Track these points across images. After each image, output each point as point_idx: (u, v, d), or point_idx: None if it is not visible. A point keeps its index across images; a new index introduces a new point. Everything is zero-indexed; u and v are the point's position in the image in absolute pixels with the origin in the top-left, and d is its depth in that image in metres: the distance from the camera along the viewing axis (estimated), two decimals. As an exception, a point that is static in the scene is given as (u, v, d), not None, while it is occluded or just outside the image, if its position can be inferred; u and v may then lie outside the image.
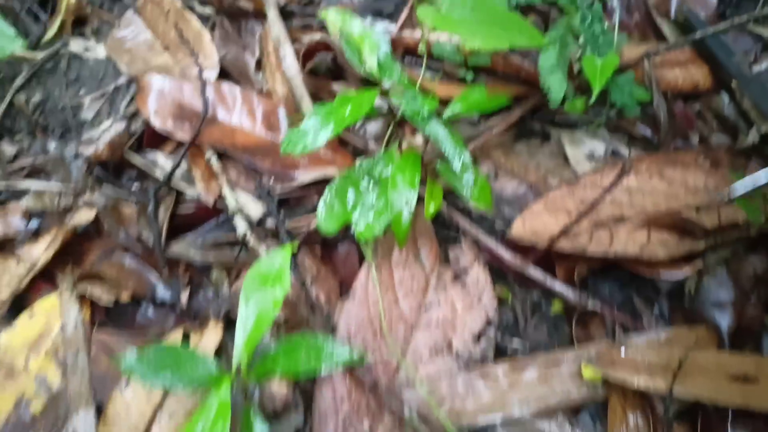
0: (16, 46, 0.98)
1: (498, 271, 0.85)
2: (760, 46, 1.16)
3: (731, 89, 1.04)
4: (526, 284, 0.85)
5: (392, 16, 1.23)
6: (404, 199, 0.69)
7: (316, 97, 1.03)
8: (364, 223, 0.71)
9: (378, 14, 1.24)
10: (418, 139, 0.82)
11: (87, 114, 1.02)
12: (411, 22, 1.15)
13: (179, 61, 1.08)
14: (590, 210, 0.77)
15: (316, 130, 0.63)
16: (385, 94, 0.68)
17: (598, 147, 0.99)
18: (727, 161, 0.93)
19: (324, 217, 0.73)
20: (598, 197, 0.78)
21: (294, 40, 1.16)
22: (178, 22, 1.12)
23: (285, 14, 1.20)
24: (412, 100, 0.67)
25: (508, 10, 0.69)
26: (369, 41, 0.68)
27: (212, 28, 1.17)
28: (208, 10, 1.20)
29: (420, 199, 0.74)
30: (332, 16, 0.72)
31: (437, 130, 0.68)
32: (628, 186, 0.90)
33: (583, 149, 0.99)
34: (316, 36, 1.17)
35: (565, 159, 0.98)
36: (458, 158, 0.69)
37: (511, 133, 1.01)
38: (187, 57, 1.07)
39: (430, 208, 0.74)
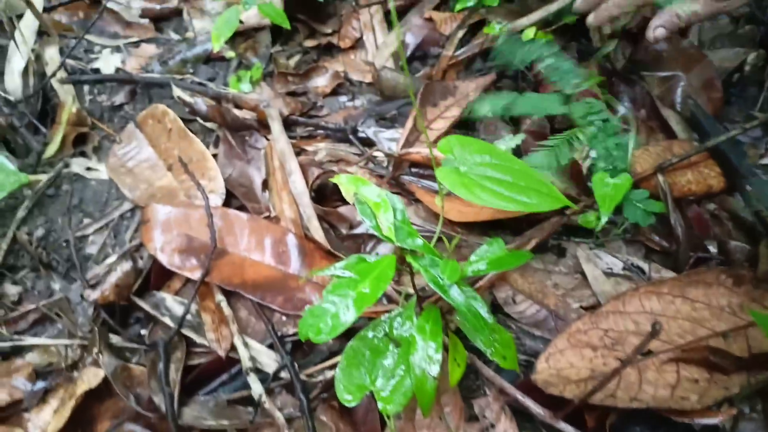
0: (18, 181, 0.97)
1: (526, 416, 0.82)
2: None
3: (746, 191, 1.02)
4: None
5: (396, 120, 1.22)
6: (427, 363, 0.66)
7: (325, 220, 1.01)
8: (387, 394, 0.68)
9: (381, 118, 1.23)
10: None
11: (91, 248, 1.00)
12: (416, 130, 1.14)
13: (183, 182, 1.06)
14: (618, 371, 0.74)
15: (334, 314, 0.60)
16: (403, 254, 0.66)
17: (616, 262, 0.97)
18: (750, 278, 0.91)
19: (342, 386, 0.69)
20: (627, 359, 0.75)
21: (300, 152, 1.15)
22: (180, 142, 1.10)
23: (289, 123, 1.19)
24: (431, 266, 0.65)
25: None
26: (384, 206, 0.66)
27: (216, 143, 1.16)
28: (210, 124, 1.18)
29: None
30: (345, 181, 0.70)
31: (458, 299, 0.65)
32: (651, 310, 0.88)
33: (600, 265, 0.97)
34: (321, 147, 1.15)
35: (583, 276, 0.96)
36: (484, 329, 0.66)
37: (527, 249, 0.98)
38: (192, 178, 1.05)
39: (455, 373, 0.71)
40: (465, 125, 1.21)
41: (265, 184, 1.07)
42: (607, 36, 1.27)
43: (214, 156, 1.11)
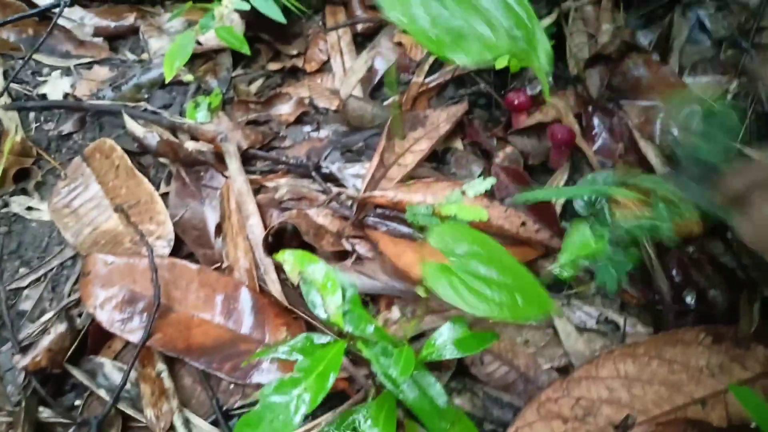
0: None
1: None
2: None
3: (726, 238, 0.97)
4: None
5: (363, 153, 1.15)
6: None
7: (282, 269, 0.94)
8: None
9: (347, 151, 1.16)
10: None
11: (26, 304, 0.92)
12: (382, 165, 1.07)
13: (130, 227, 0.99)
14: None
15: (279, 413, 0.54)
16: (353, 341, 0.59)
17: (589, 317, 0.91)
18: (730, 335, 0.86)
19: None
20: None
21: (259, 188, 1.08)
22: (128, 181, 1.02)
23: (248, 157, 1.12)
24: (382, 355, 0.59)
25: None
26: (332, 287, 0.60)
27: (168, 179, 1.08)
28: (163, 159, 1.11)
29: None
30: (290, 259, 0.63)
31: (409, 396, 0.59)
32: (626, 374, 0.83)
33: (573, 319, 0.91)
34: (282, 183, 1.09)
35: (555, 331, 0.90)
36: (440, 423, 0.60)
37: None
38: (139, 222, 0.98)
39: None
40: (434, 157, 1.15)
41: (220, 229, 1.00)
42: (583, 62, 1.22)
43: (166, 194, 1.03)
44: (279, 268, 0.94)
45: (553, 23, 1.22)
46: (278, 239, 1.00)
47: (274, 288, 0.90)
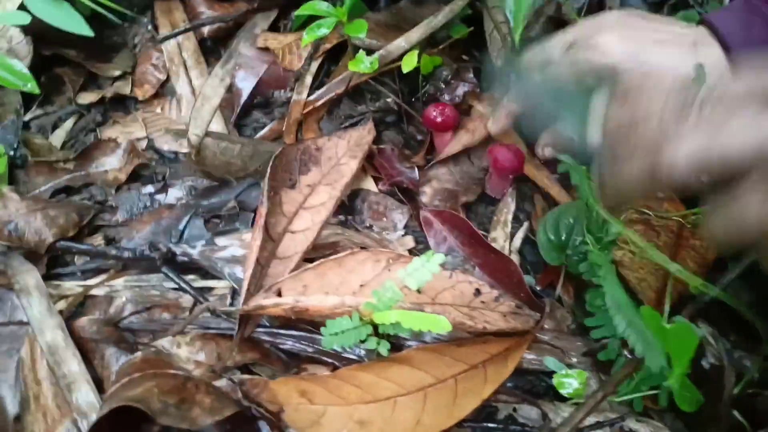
0: None
1: None
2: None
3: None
4: None
5: (236, 218, 0.80)
6: None
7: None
8: None
9: (213, 217, 0.80)
10: None
11: None
12: (269, 238, 0.73)
13: None
14: None
15: None
16: None
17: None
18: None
19: None
20: None
21: (84, 300, 0.70)
22: None
23: (59, 254, 0.73)
24: None
25: None
26: None
27: None
28: None
29: None
30: None
31: None
32: None
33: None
34: (119, 286, 0.71)
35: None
36: None
37: None
38: None
39: None
40: (341, 205, 0.83)
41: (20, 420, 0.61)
42: (506, 51, 0.93)
43: None
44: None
45: (467, 4, 0.92)
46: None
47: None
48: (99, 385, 0.62)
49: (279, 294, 0.67)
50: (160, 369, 0.59)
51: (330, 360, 0.66)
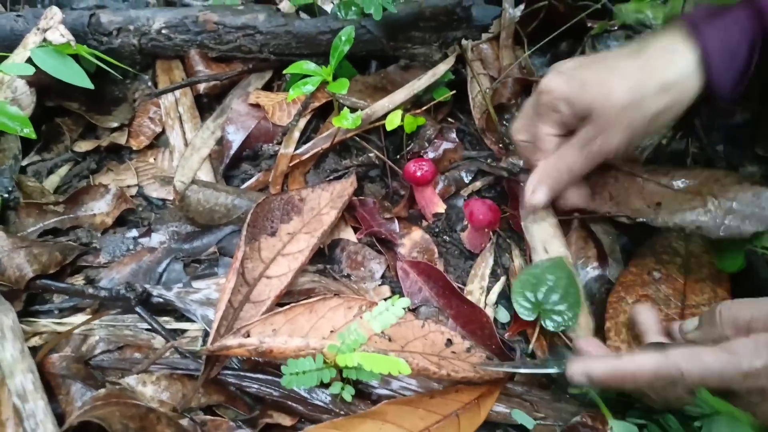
0: None
1: None
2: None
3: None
4: None
5: (215, 264, 0.81)
6: None
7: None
8: None
9: (194, 262, 0.81)
10: None
11: None
12: (244, 282, 0.74)
13: None
14: None
15: None
16: None
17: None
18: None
19: None
20: None
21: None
22: None
23: (35, 292, 0.74)
24: None
25: None
26: None
27: None
28: None
29: None
30: None
31: None
32: None
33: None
34: (95, 327, 0.72)
35: None
36: None
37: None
38: None
39: None
40: (319, 254, 0.84)
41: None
42: (489, 113, 0.97)
43: None
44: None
45: (451, 69, 0.97)
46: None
47: None
48: (62, 420, 0.62)
49: (248, 336, 0.68)
50: (123, 400, 0.59)
51: (296, 405, 0.65)
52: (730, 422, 0.52)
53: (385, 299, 0.80)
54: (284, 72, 0.87)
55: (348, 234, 0.86)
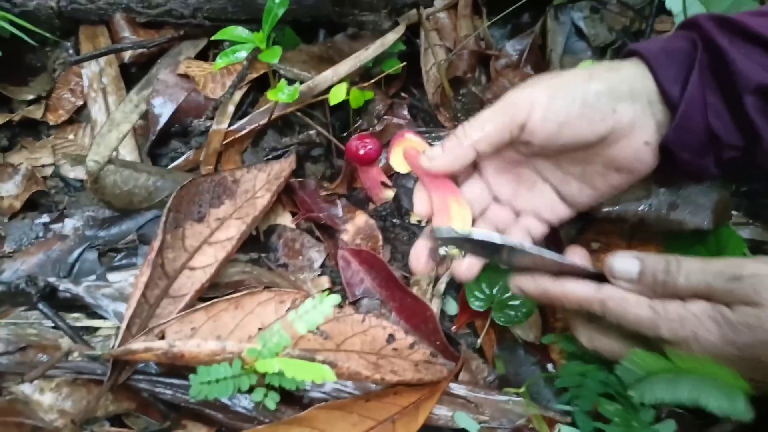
0: None
1: None
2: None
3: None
4: None
5: (134, 253, 0.73)
6: None
7: None
8: None
9: (110, 250, 0.73)
10: None
11: None
12: (164, 274, 0.66)
13: None
14: None
15: None
16: None
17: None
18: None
19: None
20: None
21: None
22: None
23: None
24: None
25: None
26: None
27: None
28: None
29: None
30: None
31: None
32: None
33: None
34: None
35: None
36: None
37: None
38: None
39: None
40: (254, 242, 0.77)
41: None
42: (444, 88, 0.90)
43: None
44: None
45: (401, 38, 0.89)
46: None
47: None
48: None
49: (162, 336, 0.61)
50: (7, 417, 0.52)
51: (214, 413, 0.59)
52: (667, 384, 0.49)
53: (323, 291, 0.74)
54: (212, 38, 0.78)
55: (286, 219, 0.79)
